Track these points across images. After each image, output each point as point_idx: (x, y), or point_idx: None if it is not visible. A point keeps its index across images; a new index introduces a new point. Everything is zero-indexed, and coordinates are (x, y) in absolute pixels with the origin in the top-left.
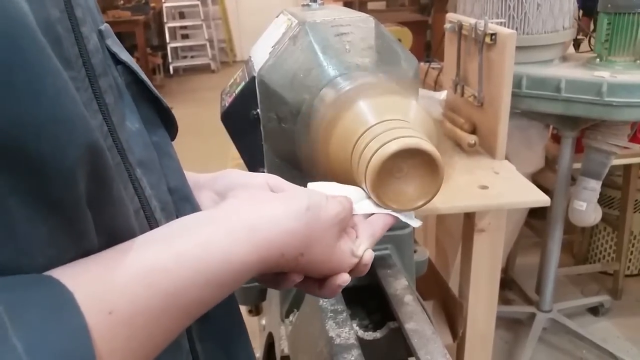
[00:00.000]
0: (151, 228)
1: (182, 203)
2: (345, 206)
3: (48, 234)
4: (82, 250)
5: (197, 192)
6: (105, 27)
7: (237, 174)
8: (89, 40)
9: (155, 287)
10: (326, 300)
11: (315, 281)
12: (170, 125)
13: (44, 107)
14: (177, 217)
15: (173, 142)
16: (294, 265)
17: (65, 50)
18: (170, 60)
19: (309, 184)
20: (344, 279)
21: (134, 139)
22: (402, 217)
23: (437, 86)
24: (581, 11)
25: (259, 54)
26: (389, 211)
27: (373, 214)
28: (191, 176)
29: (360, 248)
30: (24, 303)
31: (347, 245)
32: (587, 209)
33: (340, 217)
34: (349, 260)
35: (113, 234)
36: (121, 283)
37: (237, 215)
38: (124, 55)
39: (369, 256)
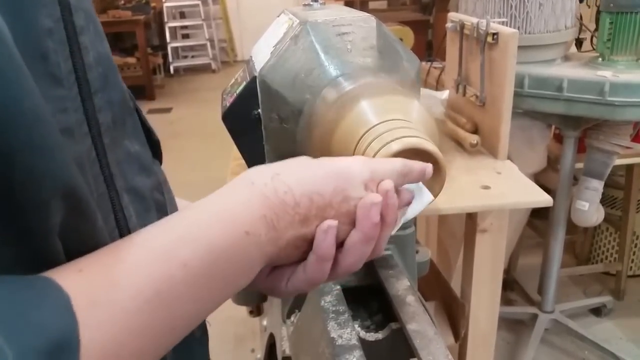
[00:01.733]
0: None
1: None
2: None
3: (14, 258)
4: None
5: None
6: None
7: None
8: (88, 52)
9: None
10: (328, 300)
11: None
12: (155, 154)
13: (20, 134)
14: None
15: (174, 143)
16: (280, 184)
17: (54, 67)
18: (170, 60)
19: None
20: (372, 195)
21: (128, 162)
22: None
23: (438, 86)
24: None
25: (260, 53)
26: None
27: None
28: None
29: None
30: (6, 286)
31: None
32: (589, 209)
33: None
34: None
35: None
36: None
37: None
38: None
39: (387, 182)
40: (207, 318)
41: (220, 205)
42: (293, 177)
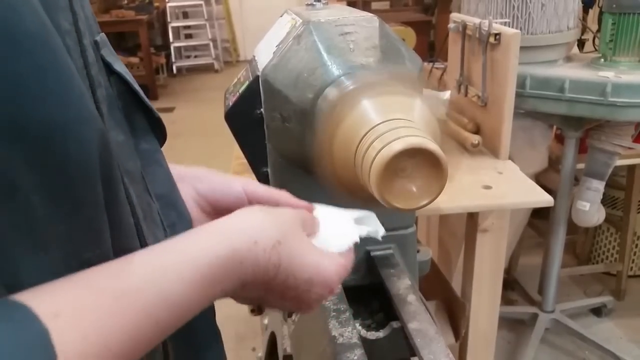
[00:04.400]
0: (138, 234)
1: (168, 209)
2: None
3: (66, 233)
4: (98, 250)
5: (179, 183)
6: (100, 37)
7: (217, 180)
8: (89, 53)
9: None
10: (329, 299)
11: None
12: (159, 133)
13: (72, 107)
14: (162, 224)
15: (176, 142)
16: (276, 255)
17: (75, 62)
18: (173, 59)
19: (315, 209)
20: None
21: (120, 150)
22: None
23: (440, 86)
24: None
25: (263, 53)
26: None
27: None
28: (173, 168)
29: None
30: None
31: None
32: (590, 209)
33: (298, 216)
34: (334, 256)
35: (118, 236)
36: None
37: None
38: (118, 66)
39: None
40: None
41: (209, 258)
42: (288, 252)
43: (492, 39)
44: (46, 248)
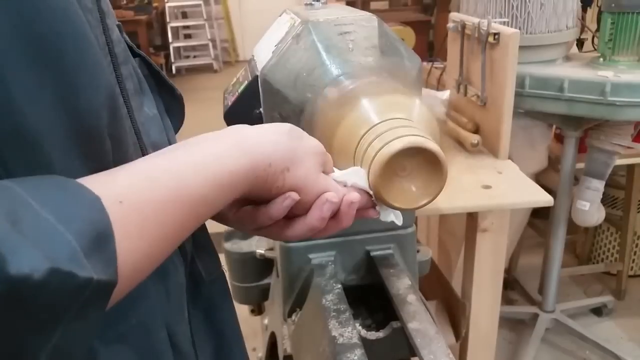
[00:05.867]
0: None
1: None
2: (327, 155)
3: (80, 164)
4: None
5: None
6: (119, 24)
7: None
8: (113, 32)
9: (158, 182)
10: (329, 299)
11: (299, 217)
12: (178, 112)
13: (85, 72)
14: None
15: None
16: (281, 180)
17: (97, 38)
18: (172, 60)
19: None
20: (331, 195)
21: (149, 124)
22: (384, 216)
23: (440, 86)
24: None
25: (262, 53)
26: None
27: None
28: None
29: (342, 188)
30: (40, 186)
31: (332, 181)
32: (590, 209)
33: (320, 150)
34: (334, 190)
35: None
36: (126, 180)
37: (227, 131)
38: (137, 50)
39: (353, 196)
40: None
41: (234, 166)
42: (292, 182)
43: (491, 39)
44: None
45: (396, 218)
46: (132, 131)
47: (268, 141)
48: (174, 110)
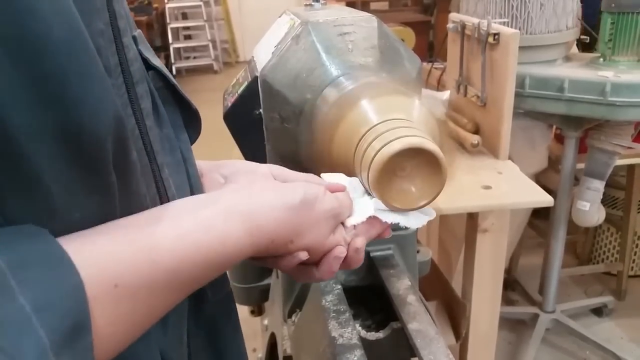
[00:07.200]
0: None
1: None
2: (342, 202)
3: (81, 221)
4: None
5: (203, 176)
6: (138, 33)
7: (242, 163)
8: (129, 50)
9: (159, 264)
10: (329, 300)
11: (311, 265)
12: (194, 127)
13: (88, 106)
14: None
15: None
16: (284, 251)
17: (104, 59)
18: (173, 61)
19: (322, 175)
20: (340, 250)
21: (164, 142)
22: (404, 221)
23: (440, 86)
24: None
25: (262, 54)
26: (389, 216)
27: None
28: (198, 163)
29: (351, 234)
30: (25, 261)
31: (340, 235)
32: (590, 209)
33: (335, 212)
34: (343, 241)
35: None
36: (127, 258)
37: (234, 201)
38: (155, 61)
39: (359, 242)
40: None
41: (231, 247)
42: (298, 246)
43: (491, 39)
44: (60, 213)
45: (426, 215)
46: (143, 152)
47: (273, 220)
48: (189, 125)
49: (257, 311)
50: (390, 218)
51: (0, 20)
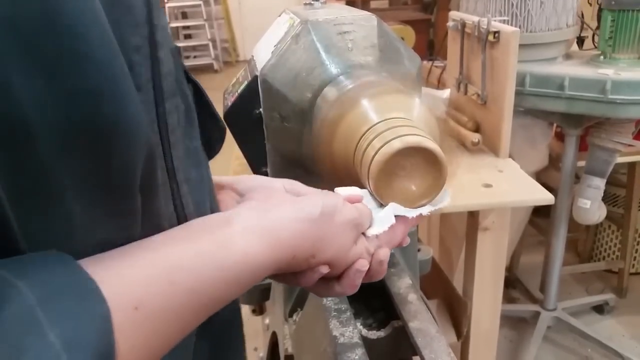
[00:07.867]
0: None
1: None
2: (362, 212)
3: (102, 239)
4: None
5: (218, 193)
6: (175, 46)
7: (259, 178)
8: (164, 64)
9: (179, 285)
10: (329, 299)
11: (332, 279)
12: (217, 143)
13: (121, 125)
14: None
15: None
16: (305, 266)
17: (137, 76)
18: None
19: (336, 189)
20: (362, 263)
21: (190, 156)
22: (426, 210)
23: (440, 84)
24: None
25: (262, 53)
26: (409, 212)
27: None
28: (214, 179)
29: (374, 245)
30: (54, 293)
31: (363, 246)
32: (591, 207)
33: (356, 222)
34: (366, 252)
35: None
36: (147, 280)
37: (252, 217)
38: (192, 77)
39: (383, 253)
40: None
41: (256, 265)
42: (318, 261)
43: (491, 37)
44: (82, 235)
45: (446, 199)
46: (164, 170)
47: (294, 232)
48: (213, 139)
49: (259, 310)
50: (414, 212)
51: (41, 38)
